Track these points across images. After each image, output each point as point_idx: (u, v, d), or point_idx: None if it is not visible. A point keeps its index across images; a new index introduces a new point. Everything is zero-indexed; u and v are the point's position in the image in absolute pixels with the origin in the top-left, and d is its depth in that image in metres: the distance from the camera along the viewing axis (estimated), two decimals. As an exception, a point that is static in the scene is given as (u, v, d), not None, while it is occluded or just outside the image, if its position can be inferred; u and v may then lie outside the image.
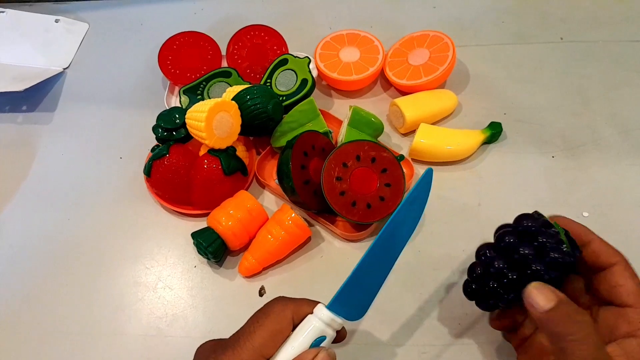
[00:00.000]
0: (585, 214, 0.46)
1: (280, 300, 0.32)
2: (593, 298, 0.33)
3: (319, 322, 0.31)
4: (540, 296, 0.28)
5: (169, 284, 0.45)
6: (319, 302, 0.33)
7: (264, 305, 0.32)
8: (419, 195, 0.34)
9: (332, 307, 0.32)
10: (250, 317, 0.32)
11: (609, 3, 0.62)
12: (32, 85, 0.56)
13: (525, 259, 0.31)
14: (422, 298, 0.42)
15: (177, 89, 0.57)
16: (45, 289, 0.45)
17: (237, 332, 0.31)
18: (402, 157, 0.48)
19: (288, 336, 0.31)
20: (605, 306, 0.31)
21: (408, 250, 0.45)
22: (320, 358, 0.29)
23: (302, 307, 0.32)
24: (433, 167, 0.49)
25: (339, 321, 0.32)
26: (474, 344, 0.40)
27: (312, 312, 0.32)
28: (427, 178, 0.34)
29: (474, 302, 0.35)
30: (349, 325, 0.41)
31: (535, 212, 0.34)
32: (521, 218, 0.33)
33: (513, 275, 0.31)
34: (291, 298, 0.33)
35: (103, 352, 0.42)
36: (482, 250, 0.34)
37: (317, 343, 0.31)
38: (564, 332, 0.27)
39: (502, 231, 0.33)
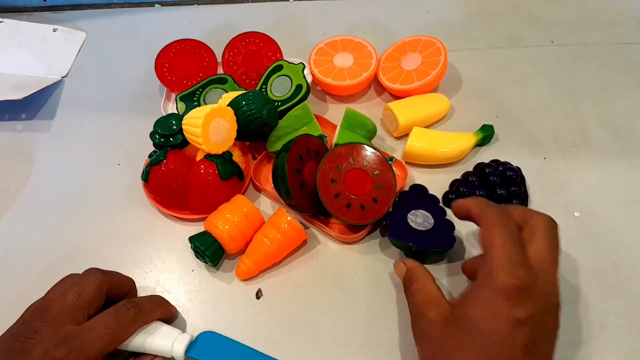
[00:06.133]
0: (577, 214, 0.47)
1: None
2: None
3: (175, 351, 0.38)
4: (398, 266, 0.42)
5: (168, 288, 0.46)
6: (186, 334, 0.39)
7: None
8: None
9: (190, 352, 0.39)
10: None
11: (598, 6, 0.63)
12: (31, 94, 0.57)
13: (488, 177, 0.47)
14: (416, 298, 0.43)
15: (173, 95, 0.57)
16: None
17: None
18: (392, 159, 0.49)
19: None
20: None
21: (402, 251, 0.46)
22: None
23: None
24: (428, 169, 0.51)
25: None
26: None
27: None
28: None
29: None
30: (346, 324, 0.42)
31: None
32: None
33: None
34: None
35: (102, 356, 0.42)
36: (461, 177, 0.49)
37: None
38: (404, 287, 0.40)
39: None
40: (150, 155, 0.49)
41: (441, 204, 0.47)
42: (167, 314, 0.41)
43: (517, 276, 0.31)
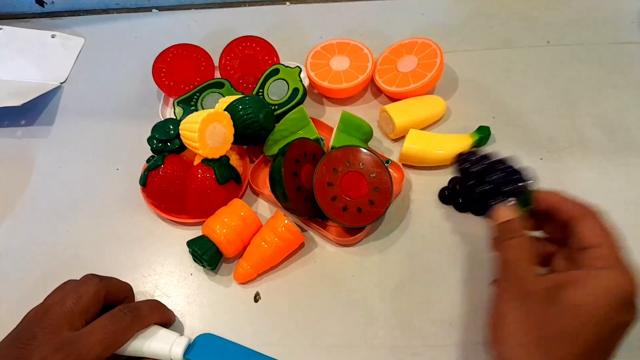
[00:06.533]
0: (573, 214, 0.47)
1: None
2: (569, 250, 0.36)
3: (173, 354, 0.39)
4: (502, 211, 0.37)
5: (166, 292, 0.46)
6: (183, 336, 0.40)
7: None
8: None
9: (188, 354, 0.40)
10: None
11: (593, 7, 0.63)
12: (30, 100, 0.57)
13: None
14: (413, 300, 0.43)
15: (171, 100, 0.58)
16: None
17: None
18: (388, 161, 0.49)
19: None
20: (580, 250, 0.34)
21: (399, 253, 0.46)
22: None
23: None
24: (425, 171, 0.51)
25: None
26: (465, 345, 0.41)
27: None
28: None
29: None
30: (344, 327, 0.42)
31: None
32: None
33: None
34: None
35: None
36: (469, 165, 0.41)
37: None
38: (502, 237, 0.36)
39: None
40: (148, 160, 0.49)
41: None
42: (164, 318, 0.41)
43: (630, 280, 0.31)
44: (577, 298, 0.31)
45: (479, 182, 0.39)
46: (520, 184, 0.38)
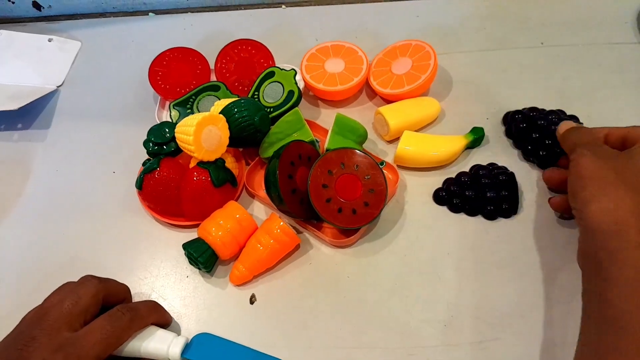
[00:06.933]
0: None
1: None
2: None
3: (171, 354, 0.39)
4: (564, 125, 0.45)
5: (162, 294, 0.46)
6: (181, 337, 0.40)
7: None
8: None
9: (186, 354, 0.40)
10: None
11: (587, 7, 0.64)
12: (27, 104, 0.57)
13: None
14: (408, 301, 0.44)
15: (167, 103, 0.58)
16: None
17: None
18: (383, 162, 0.50)
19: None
20: None
21: (394, 254, 0.46)
22: None
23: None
24: (419, 172, 0.51)
25: None
26: (460, 345, 0.41)
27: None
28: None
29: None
30: (340, 328, 0.42)
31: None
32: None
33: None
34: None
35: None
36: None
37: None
38: (573, 130, 0.44)
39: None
40: (144, 163, 0.49)
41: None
42: (161, 318, 0.42)
43: None
44: None
45: (531, 127, 0.50)
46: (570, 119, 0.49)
